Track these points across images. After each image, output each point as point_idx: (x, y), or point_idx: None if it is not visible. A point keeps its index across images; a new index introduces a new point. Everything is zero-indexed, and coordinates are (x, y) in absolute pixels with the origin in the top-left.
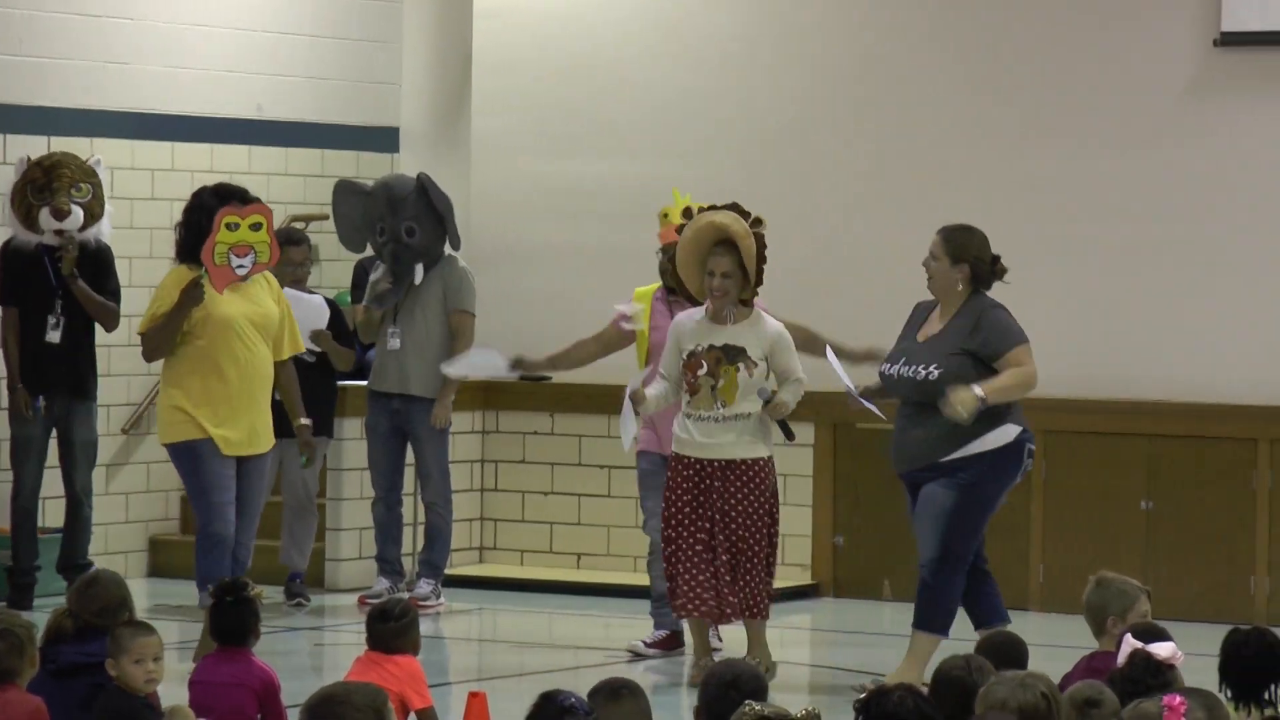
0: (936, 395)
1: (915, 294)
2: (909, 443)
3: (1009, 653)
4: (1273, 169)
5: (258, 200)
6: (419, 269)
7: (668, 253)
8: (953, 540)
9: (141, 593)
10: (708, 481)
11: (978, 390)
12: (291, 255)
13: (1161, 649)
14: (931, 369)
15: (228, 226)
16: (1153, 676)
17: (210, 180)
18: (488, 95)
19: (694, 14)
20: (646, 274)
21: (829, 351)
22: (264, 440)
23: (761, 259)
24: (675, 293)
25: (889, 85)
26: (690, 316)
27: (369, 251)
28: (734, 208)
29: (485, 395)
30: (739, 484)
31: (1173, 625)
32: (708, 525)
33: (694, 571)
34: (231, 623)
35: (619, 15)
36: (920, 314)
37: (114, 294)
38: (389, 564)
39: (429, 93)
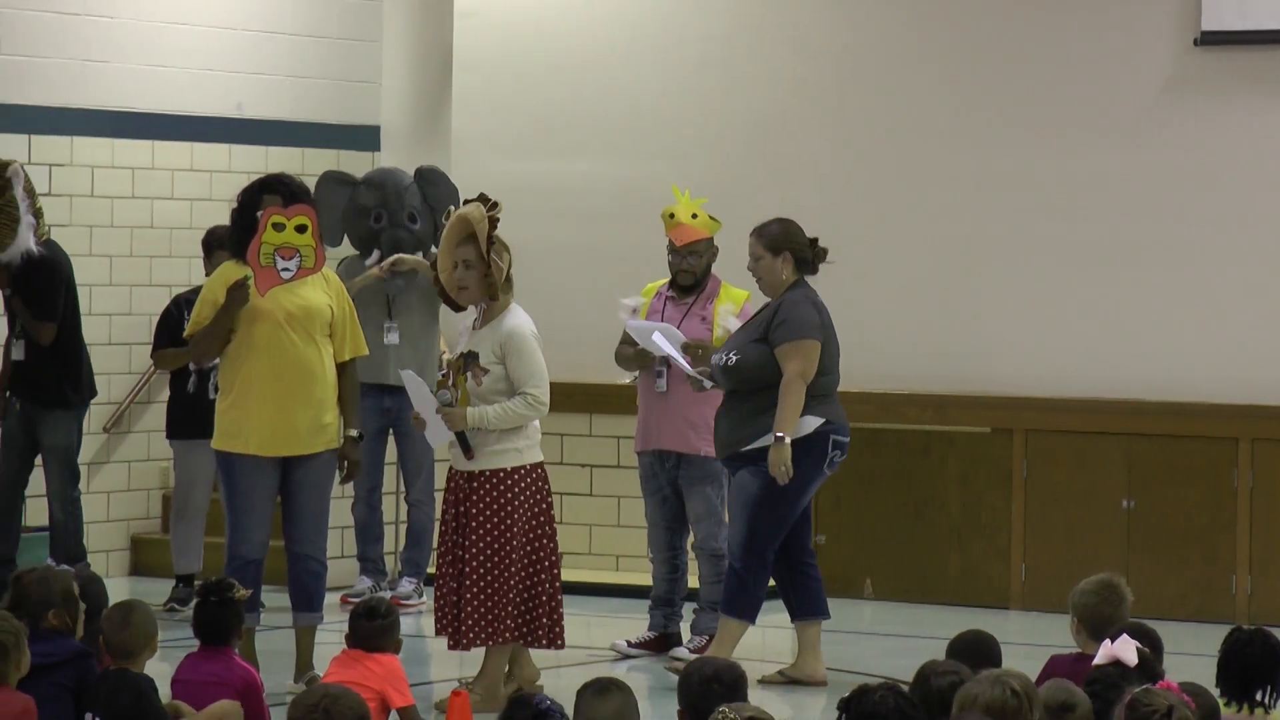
0: (736, 381)
1: (895, 290)
2: (718, 430)
3: (981, 651)
4: (1250, 168)
5: (305, 194)
6: (421, 256)
7: (679, 253)
8: (757, 529)
9: (123, 591)
10: (466, 496)
11: (777, 435)
12: None
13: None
14: (731, 355)
15: (274, 227)
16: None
17: (190, 180)
18: (468, 94)
19: (673, 15)
20: (628, 272)
21: (630, 318)
22: (308, 440)
23: (491, 242)
24: (690, 291)
25: (867, 83)
26: (467, 321)
27: (345, 247)
28: (481, 199)
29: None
30: (476, 498)
31: (1154, 624)
32: (452, 542)
33: (439, 589)
34: (214, 622)
35: (599, 15)
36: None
37: (49, 307)
38: (371, 563)
39: (409, 91)
